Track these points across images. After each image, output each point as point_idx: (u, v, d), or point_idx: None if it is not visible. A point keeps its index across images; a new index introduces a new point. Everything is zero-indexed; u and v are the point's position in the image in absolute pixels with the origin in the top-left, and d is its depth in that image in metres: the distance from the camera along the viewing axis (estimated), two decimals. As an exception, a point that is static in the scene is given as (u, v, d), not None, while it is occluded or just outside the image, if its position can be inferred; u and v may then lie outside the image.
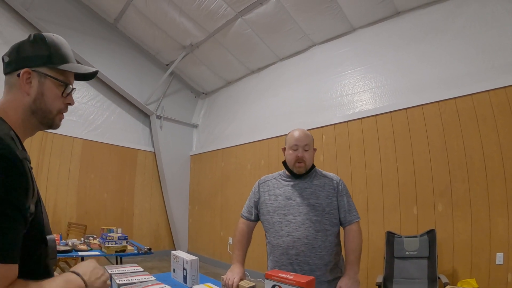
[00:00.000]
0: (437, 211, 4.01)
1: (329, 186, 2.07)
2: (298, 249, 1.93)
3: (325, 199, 2.02)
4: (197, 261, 2.02)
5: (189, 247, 8.06)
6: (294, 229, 1.96)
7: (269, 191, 2.17)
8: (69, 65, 1.02)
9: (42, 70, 0.97)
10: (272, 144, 6.21)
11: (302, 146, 2.05)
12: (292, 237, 1.96)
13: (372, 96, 4.94)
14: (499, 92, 3.72)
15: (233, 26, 5.97)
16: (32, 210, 0.85)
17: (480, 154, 3.77)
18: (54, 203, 6.07)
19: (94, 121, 6.91)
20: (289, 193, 2.07)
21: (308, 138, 2.10)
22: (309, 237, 1.93)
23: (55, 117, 1.02)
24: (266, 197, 2.16)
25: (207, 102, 8.75)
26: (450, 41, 4.24)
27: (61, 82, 1.00)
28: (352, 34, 5.45)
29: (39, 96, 0.97)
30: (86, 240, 4.21)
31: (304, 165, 2.05)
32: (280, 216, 2.04)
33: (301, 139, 2.07)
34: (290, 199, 2.05)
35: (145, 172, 7.78)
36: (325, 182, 2.09)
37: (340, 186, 2.08)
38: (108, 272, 1.90)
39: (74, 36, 6.13)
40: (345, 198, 2.05)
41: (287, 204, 2.04)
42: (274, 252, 2.07)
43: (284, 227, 2.00)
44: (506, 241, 3.47)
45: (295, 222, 1.98)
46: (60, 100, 1.02)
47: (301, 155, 2.04)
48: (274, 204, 2.09)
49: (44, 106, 0.98)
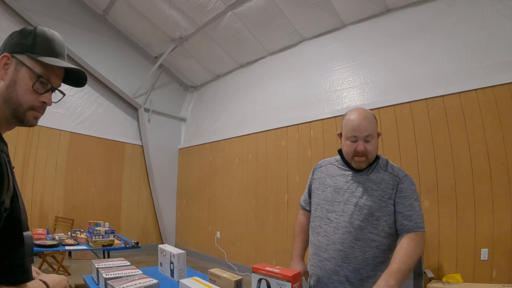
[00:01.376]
0: (423, 207, 4.01)
1: (387, 184, 1.63)
2: (330, 254, 1.65)
3: (377, 200, 1.61)
4: (184, 255, 2.02)
5: (177, 241, 8.05)
6: (332, 230, 1.67)
7: (321, 178, 1.85)
8: (49, 58, 0.95)
9: (21, 58, 0.93)
10: (260, 138, 6.21)
11: (363, 137, 1.63)
12: (327, 239, 1.68)
13: (360, 92, 4.96)
14: (487, 91, 3.77)
15: (223, 19, 5.93)
16: (7, 205, 0.82)
17: (467, 151, 3.82)
18: (41, 197, 6.00)
19: (82, 114, 6.83)
20: (340, 185, 1.73)
21: (371, 125, 1.65)
22: (346, 244, 1.60)
23: (26, 112, 0.94)
24: (316, 185, 1.86)
25: (195, 95, 8.71)
26: (440, 40, 4.27)
27: (34, 73, 0.93)
28: (342, 30, 5.45)
29: (12, 83, 0.91)
30: (73, 235, 4.17)
31: (366, 159, 1.66)
32: (322, 211, 1.75)
33: (361, 128, 1.63)
34: (338, 193, 1.71)
35: (132, 165, 7.73)
36: (384, 178, 1.66)
37: (402, 184, 1.62)
38: (96, 266, 1.89)
39: (62, 27, 6.01)
40: (407, 201, 1.59)
41: (333, 198, 1.72)
42: (310, 248, 1.82)
43: (323, 225, 1.72)
44: (491, 238, 3.53)
45: (335, 222, 1.67)
46: (32, 94, 0.94)
47: (361, 148, 1.63)
48: (321, 196, 1.79)
49: (15, 96, 0.91)
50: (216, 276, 1.81)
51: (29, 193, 5.76)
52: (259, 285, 1.58)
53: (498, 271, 3.45)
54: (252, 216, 6.10)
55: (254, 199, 6.12)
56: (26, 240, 0.89)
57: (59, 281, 0.98)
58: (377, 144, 1.69)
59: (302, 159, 5.38)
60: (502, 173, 3.56)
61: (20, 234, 0.88)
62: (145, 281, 1.59)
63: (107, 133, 7.26)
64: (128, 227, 7.39)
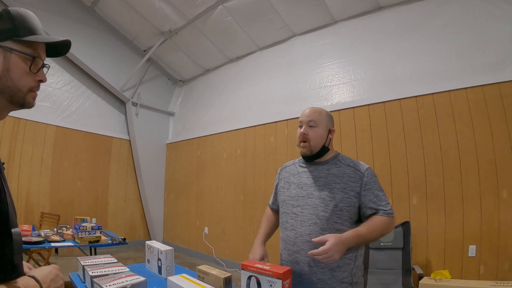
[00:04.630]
0: (412, 204, 4.09)
1: (349, 177, 1.73)
2: (299, 247, 1.71)
3: (340, 192, 1.69)
4: (172, 252, 1.99)
5: (165, 236, 8.00)
6: (299, 223, 1.74)
7: (286, 177, 1.95)
8: (36, 36, 0.93)
9: (7, 44, 0.88)
10: (249, 133, 6.19)
11: (306, 121, 1.79)
12: (294, 232, 1.75)
13: (350, 89, 4.97)
14: (476, 89, 3.80)
15: (214, 13, 5.87)
16: None
17: (455, 149, 3.85)
18: (27, 192, 5.90)
19: (68, 108, 6.71)
20: (302, 181, 1.82)
21: (316, 114, 1.80)
22: (313, 235, 1.65)
23: (26, 95, 0.93)
24: (282, 184, 1.96)
25: (184, 90, 8.63)
26: (430, 38, 4.29)
27: (28, 55, 0.91)
28: (333, 27, 5.44)
29: (5, 73, 0.88)
30: (59, 231, 4.10)
31: (309, 145, 1.77)
32: (288, 207, 1.83)
33: (306, 114, 1.81)
34: (302, 188, 1.79)
35: (120, 160, 7.64)
36: (346, 171, 1.75)
37: (366, 177, 1.72)
38: (81, 264, 1.85)
39: (48, 18, 5.89)
40: (372, 192, 1.70)
41: (297, 194, 1.80)
42: (280, 244, 1.88)
43: (289, 220, 1.80)
44: (479, 234, 3.57)
45: (301, 215, 1.74)
46: (29, 76, 0.92)
47: (304, 132, 1.77)
48: (286, 193, 1.88)
49: (12, 83, 0.89)
50: (204, 273, 1.79)
51: (14, 188, 5.64)
52: (249, 282, 1.57)
53: (485, 268, 3.50)
54: (240, 212, 6.08)
55: (242, 194, 6.10)
56: (15, 237, 0.85)
57: (49, 271, 0.95)
58: (324, 136, 1.80)
59: (291, 155, 5.36)
60: (490, 171, 3.60)
61: (9, 231, 0.84)
62: (132, 279, 1.56)
63: (94, 127, 7.15)
64: (115, 223, 7.31)
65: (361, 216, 1.73)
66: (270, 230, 2.07)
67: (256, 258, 1.85)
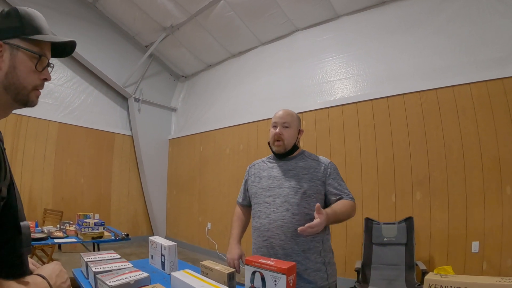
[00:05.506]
0: (415, 200, 4.07)
1: (315, 169, 1.95)
2: (273, 232, 1.86)
3: (308, 181, 1.90)
4: (175, 247, 1.99)
5: (168, 232, 8.02)
6: (272, 211, 1.90)
7: (255, 173, 2.13)
8: (43, 36, 0.94)
9: (14, 42, 0.89)
10: (252, 128, 6.18)
11: (281, 123, 2.00)
12: (268, 219, 1.90)
13: (353, 84, 4.94)
14: (480, 85, 3.78)
15: (216, 8, 5.84)
16: (4, 194, 0.80)
17: (459, 144, 3.83)
18: (30, 189, 5.91)
19: (71, 104, 6.71)
20: (273, 174, 2.01)
21: (289, 116, 2.03)
22: (285, 220, 1.84)
23: (30, 93, 0.94)
24: (252, 179, 2.14)
25: (186, 85, 8.61)
26: (433, 34, 4.27)
27: (34, 53, 0.92)
28: (336, 21, 5.41)
29: (11, 69, 0.89)
30: (62, 227, 4.11)
31: (283, 144, 1.99)
32: (260, 198, 1.99)
33: (280, 116, 2.03)
34: (273, 180, 1.98)
35: (122, 156, 7.64)
36: (312, 164, 1.98)
37: (329, 169, 1.96)
38: (84, 260, 1.84)
39: (50, 15, 5.85)
40: (335, 182, 1.94)
41: (269, 185, 1.98)
42: (253, 234, 2.03)
43: (262, 209, 1.95)
44: (482, 231, 3.56)
45: (273, 204, 1.91)
46: (34, 74, 0.93)
47: (279, 132, 1.98)
48: (257, 186, 2.05)
49: (17, 81, 0.90)
50: (208, 268, 1.78)
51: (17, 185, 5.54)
52: (253, 277, 1.56)
53: (488, 264, 3.49)
54: (243, 208, 6.06)
55: (245, 190, 6.07)
56: (24, 230, 0.86)
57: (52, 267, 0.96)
58: (295, 136, 2.04)
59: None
60: (494, 167, 3.58)
61: (17, 224, 0.85)
62: (135, 275, 1.55)
63: (97, 123, 7.15)
64: (118, 219, 7.33)
65: (327, 202, 1.94)
66: (242, 229, 2.26)
67: (234, 257, 2.04)
